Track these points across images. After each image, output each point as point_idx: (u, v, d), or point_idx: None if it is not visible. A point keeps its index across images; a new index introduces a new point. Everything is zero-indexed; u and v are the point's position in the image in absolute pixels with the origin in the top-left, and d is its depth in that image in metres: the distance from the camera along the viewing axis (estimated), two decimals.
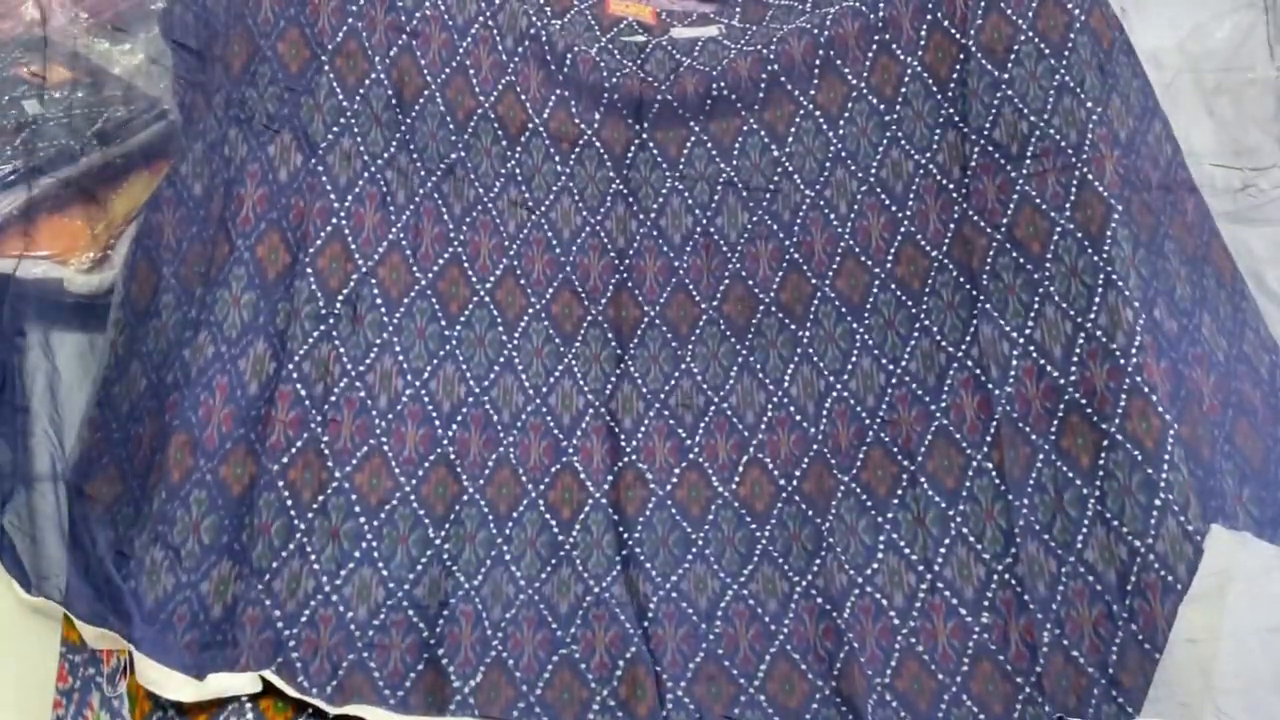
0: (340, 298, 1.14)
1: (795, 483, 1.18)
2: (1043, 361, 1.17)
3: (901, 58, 1.31)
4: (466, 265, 1.22)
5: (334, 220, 1.16)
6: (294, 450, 1.09)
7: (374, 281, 1.16)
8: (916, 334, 1.23)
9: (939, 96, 1.29)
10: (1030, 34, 1.24)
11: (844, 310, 1.26)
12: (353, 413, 1.12)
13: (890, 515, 1.17)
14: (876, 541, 1.16)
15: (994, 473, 1.16)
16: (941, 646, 1.10)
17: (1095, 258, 1.16)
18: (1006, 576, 1.12)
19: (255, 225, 1.14)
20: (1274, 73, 1.48)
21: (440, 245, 1.22)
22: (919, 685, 1.08)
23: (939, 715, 1.07)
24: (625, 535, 1.14)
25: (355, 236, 1.17)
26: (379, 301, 1.16)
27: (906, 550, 1.15)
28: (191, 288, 1.14)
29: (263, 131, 1.17)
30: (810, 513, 1.16)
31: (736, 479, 1.20)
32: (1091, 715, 1.04)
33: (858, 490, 1.18)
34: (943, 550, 1.14)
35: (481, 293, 1.22)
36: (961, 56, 1.27)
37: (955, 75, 1.28)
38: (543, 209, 1.28)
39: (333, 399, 1.11)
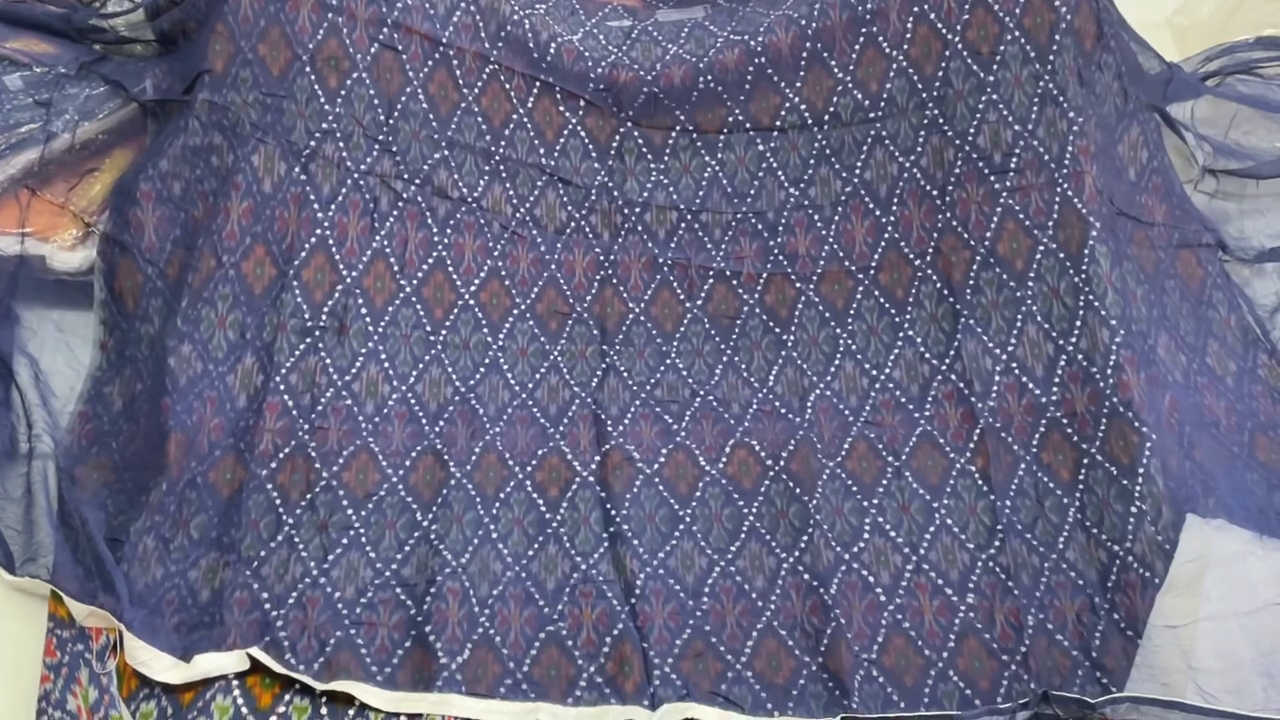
0: (325, 310, 1.15)
1: (782, 462, 1.18)
2: (1024, 379, 1.19)
3: (887, 51, 1.29)
4: (451, 269, 1.23)
5: (318, 231, 1.16)
6: (282, 456, 1.10)
7: (359, 292, 1.17)
8: (900, 344, 1.24)
9: (923, 95, 1.28)
10: (1016, 33, 1.23)
11: (828, 315, 1.27)
12: (339, 420, 1.13)
13: (876, 502, 1.17)
14: (862, 523, 1.16)
15: (977, 475, 1.17)
16: (928, 623, 1.10)
17: (1075, 278, 1.18)
18: (991, 565, 1.13)
19: (241, 240, 1.15)
20: None
21: (424, 250, 1.22)
22: (905, 661, 1.08)
23: (925, 691, 1.07)
24: (612, 512, 1.14)
25: (339, 247, 1.17)
26: (364, 312, 1.17)
27: (892, 534, 1.15)
28: (179, 294, 1.14)
29: (248, 139, 1.16)
30: (798, 490, 1.16)
31: (724, 459, 1.20)
32: (1076, 693, 1.05)
33: (843, 476, 1.18)
34: (928, 537, 1.15)
35: (466, 296, 1.22)
36: (946, 54, 1.26)
37: (940, 74, 1.27)
38: (528, 205, 1.27)
39: (319, 408, 1.12)
